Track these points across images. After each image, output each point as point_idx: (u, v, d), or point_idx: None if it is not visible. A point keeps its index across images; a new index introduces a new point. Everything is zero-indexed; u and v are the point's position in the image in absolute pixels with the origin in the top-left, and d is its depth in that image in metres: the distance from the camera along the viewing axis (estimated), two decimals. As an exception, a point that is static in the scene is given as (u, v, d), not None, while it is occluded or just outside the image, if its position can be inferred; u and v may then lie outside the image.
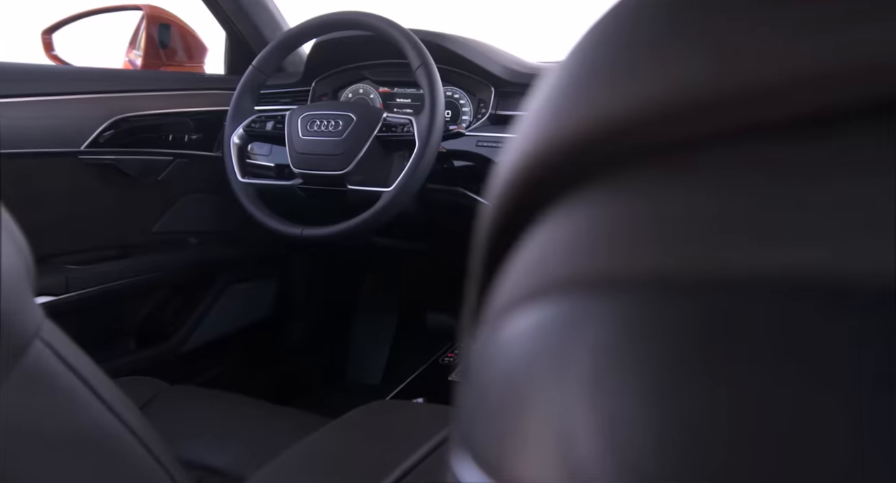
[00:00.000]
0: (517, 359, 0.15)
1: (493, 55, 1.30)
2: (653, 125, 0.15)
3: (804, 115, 0.14)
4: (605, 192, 0.16)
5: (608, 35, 0.19)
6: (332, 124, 1.16)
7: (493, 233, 0.21)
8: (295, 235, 1.16)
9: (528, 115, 0.20)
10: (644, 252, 0.14)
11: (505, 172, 0.20)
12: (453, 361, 0.96)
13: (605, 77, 0.18)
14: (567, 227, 0.16)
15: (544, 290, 0.16)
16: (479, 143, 1.26)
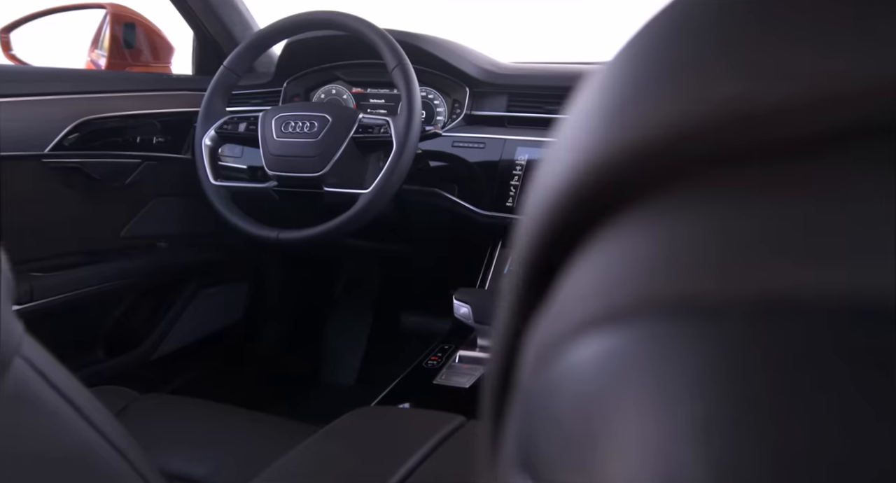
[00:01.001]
0: (594, 388, 0.14)
1: (468, 55, 1.30)
2: (727, 132, 0.15)
3: (864, 128, 0.13)
4: (675, 207, 0.16)
5: (678, 31, 0.18)
6: (308, 125, 1.15)
7: (539, 251, 0.20)
8: (270, 239, 1.14)
9: (580, 120, 0.20)
10: (736, 270, 0.13)
11: (553, 185, 0.19)
12: (436, 365, 0.95)
13: (678, 78, 0.17)
14: (637, 246, 0.15)
15: (616, 315, 0.15)
16: (455, 144, 1.25)
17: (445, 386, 0.89)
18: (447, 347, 1.00)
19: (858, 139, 0.14)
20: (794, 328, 0.12)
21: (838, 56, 0.14)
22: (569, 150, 0.19)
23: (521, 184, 1.19)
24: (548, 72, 1.28)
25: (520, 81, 1.27)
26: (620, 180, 0.17)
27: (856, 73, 0.13)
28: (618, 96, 0.18)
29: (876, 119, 0.13)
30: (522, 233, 0.21)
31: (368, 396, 1.71)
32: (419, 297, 1.85)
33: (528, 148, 1.20)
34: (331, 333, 1.89)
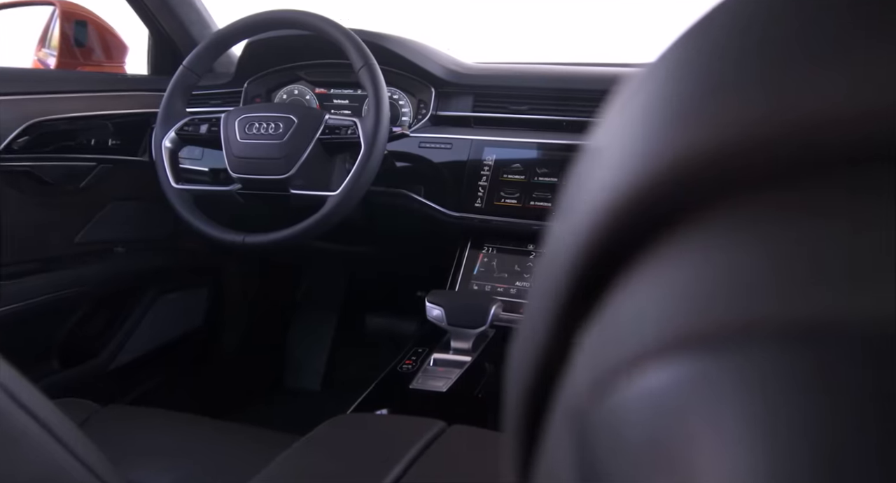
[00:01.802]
0: (673, 417, 0.14)
1: (432, 55, 1.29)
2: (778, 151, 0.14)
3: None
4: (731, 228, 0.15)
5: (723, 45, 0.17)
6: (272, 127, 1.12)
7: (581, 272, 0.19)
8: (236, 243, 1.12)
9: (622, 136, 0.19)
10: (808, 296, 0.13)
11: (592, 207, 0.18)
12: (411, 369, 0.94)
13: (723, 96, 0.16)
14: (695, 271, 0.15)
15: (680, 345, 0.14)
16: (422, 145, 1.24)
17: (422, 390, 0.88)
18: (421, 351, 0.99)
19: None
20: (858, 355, 0.11)
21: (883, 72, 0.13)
22: (613, 168, 0.18)
23: (488, 184, 1.19)
24: (513, 72, 1.28)
25: (485, 82, 1.27)
26: (673, 199, 0.16)
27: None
28: (663, 112, 0.17)
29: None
30: (559, 253, 0.20)
31: (334, 401, 1.68)
32: (385, 300, 1.83)
33: (496, 148, 1.20)
34: (294, 338, 1.86)
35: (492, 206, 1.18)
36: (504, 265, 1.18)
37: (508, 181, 1.18)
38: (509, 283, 1.15)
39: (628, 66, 1.27)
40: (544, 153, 1.17)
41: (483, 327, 0.96)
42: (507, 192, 1.18)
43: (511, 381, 0.24)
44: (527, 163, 1.18)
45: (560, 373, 0.21)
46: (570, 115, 1.19)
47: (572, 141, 1.16)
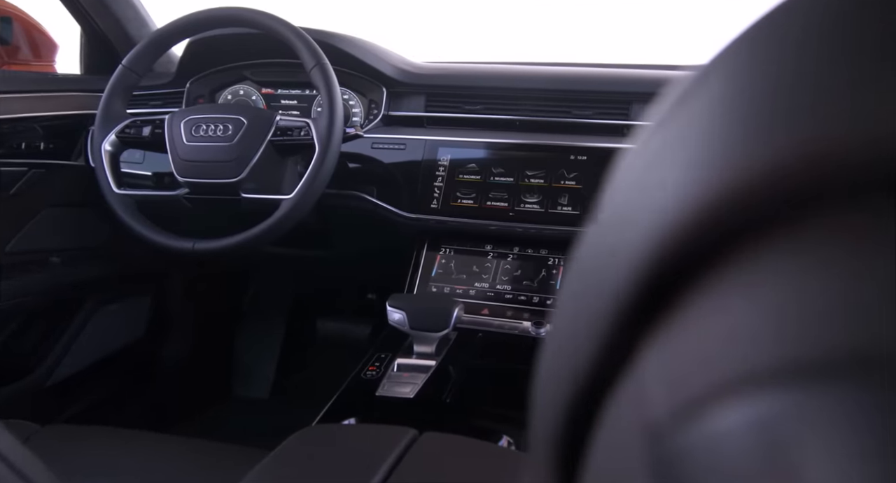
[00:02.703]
0: (767, 451, 0.13)
1: (383, 55, 1.27)
2: (859, 170, 0.14)
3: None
4: (836, 244, 0.14)
5: (785, 60, 0.17)
6: (221, 129, 1.08)
7: (640, 293, 0.18)
8: (185, 250, 1.07)
9: (675, 150, 0.18)
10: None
11: (648, 228, 0.17)
12: (375, 375, 0.92)
13: (795, 115, 0.16)
14: (795, 292, 0.14)
15: (786, 373, 0.14)
16: (375, 146, 1.22)
17: (389, 397, 0.86)
18: (384, 356, 0.97)
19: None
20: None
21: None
22: (690, 174, 0.17)
23: (444, 185, 1.18)
24: (466, 72, 1.27)
25: (438, 81, 1.26)
26: (767, 208, 0.15)
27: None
28: (729, 129, 0.17)
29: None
30: (615, 267, 0.19)
31: (286, 409, 1.65)
32: (336, 304, 1.80)
33: (450, 148, 1.19)
34: (242, 345, 1.80)
35: (448, 206, 1.17)
36: (462, 266, 1.17)
37: (464, 181, 1.17)
38: (468, 285, 1.15)
39: (580, 65, 1.28)
40: (499, 153, 1.17)
41: (446, 330, 0.95)
42: (463, 193, 1.17)
43: (546, 397, 0.23)
44: (482, 163, 1.17)
45: (611, 389, 0.20)
46: (524, 114, 1.20)
47: (527, 140, 1.17)
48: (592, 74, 1.21)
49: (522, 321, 1.08)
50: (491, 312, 1.10)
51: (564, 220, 1.12)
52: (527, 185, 1.14)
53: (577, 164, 1.13)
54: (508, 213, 1.14)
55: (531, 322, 1.07)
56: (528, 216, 1.13)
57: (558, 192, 1.13)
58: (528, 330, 1.07)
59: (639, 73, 1.20)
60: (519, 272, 1.14)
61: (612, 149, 1.12)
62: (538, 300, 1.10)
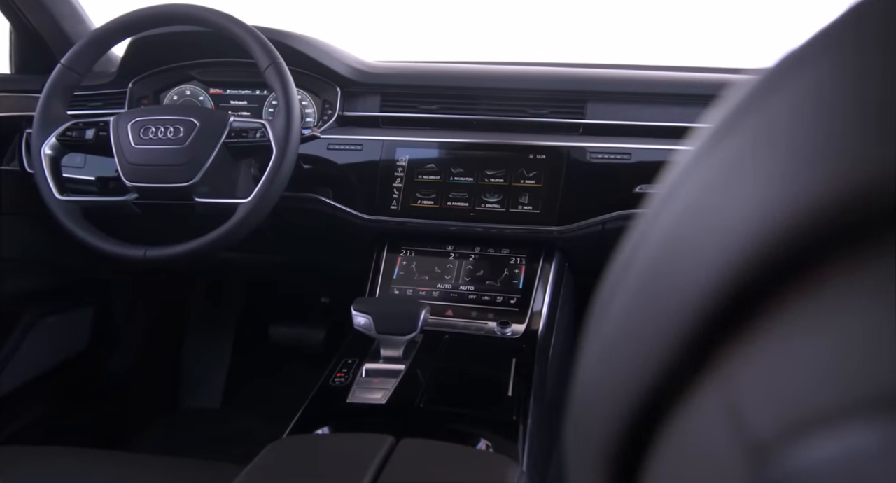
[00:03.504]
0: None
1: (337, 54, 1.25)
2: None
3: None
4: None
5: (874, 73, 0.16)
6: (172, 131, 1.04)
7: (712, 319, 0.18)
8: (137, 258, 1.02)
9: (772, 160, 0.17)
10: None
11: (720, 251, 0.17)
12: (344, 381, 0.90)
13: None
14: (872, 324, 0.14)
15: (875, 405, 0.13)
16: (331, 147, 1.20)
17: (361, 404, 0.84)
18: (351, 362, 0.95)
19: None
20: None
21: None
22: (775, 194, 0.17)
23: (403, 185, 1.17)
24: (421, 71, 1.26)
25: (393, 81, 1.24)
26: (840, 233, 0.15)
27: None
28: (821, 141, 0.16)
29: None
30: (688, 283, 0.18)
31: (239, 419, 1.61)
32: (289, 309, 1.76)
33: (408, 149, 1.18)
34: (190, 355, 1.74)
35: (408, 207, 1.16)
36: (424, 268, 1.16)
37: (424, 182, 1.16)
38: (431, 286, 1.13)
39: (535, 64, 1.28)
40: (458, 152, 1.16)
41: (414, 333, 0.93)
42: (422, 193, 1.16)
43: (595, 413, 0.23)
44: (441, 163, 1.16)
45: (677, 405, 0.19)
46: (480, 113, 1.19)
47: (485, 140, 1.16)
48: (547, 73, 1.22)
49: (488, 321, 1.08)
50: (455, 314, 1.10)
51: (525, 219, 1.12)
52: (487, 185, 1.14)
53: (537, 163, 1.13)
54: (469, 213, 1.14)
55: (496, 322, 1.07)
56: (489, 216, 1.13)
57: (518, 191, 1.13)
58: (493, 330, 1.07)
59: (593, 72, 1.21)
60: (481, 272, 1.14)
61: (569, 147, 1.12)
62: (502, 300, 1.10)
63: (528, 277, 1.12)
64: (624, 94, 1.16)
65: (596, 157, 1.12)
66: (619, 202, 1.11)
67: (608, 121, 1.15)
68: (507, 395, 0.87)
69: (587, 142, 1.13)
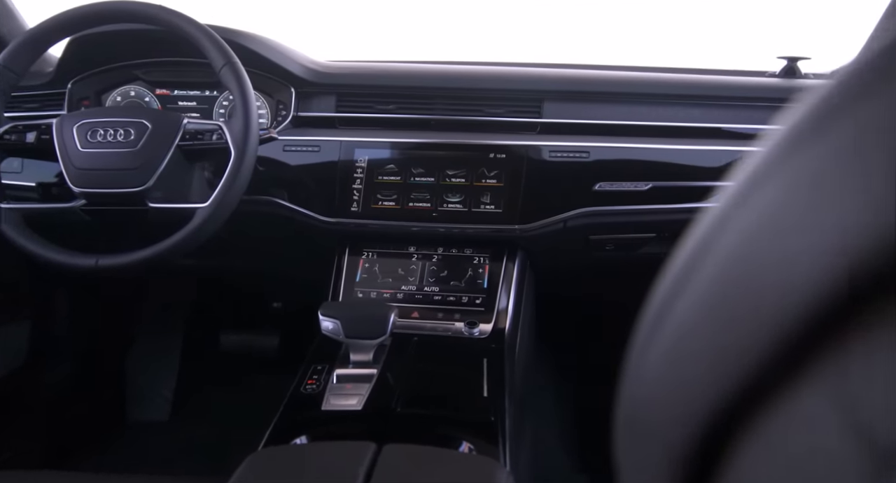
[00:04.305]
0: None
1: (290, 53, 1.22)
2: None
3: None
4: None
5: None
6: (122, 134, 0.99)
7: (814, 328, 0.18)
8: (88, 267, 0.98)
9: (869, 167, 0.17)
10: None
11: (827, 251, 0.17)
12: (316, 389, 0.88)
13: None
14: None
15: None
16: (287, 148, 1.17)
17: (336, 411, 0.82)
18: (320, 368, 0.93)
19: None
20: None
21: None
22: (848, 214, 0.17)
23: (363, 187, 1.15)
24: (377, 71, 1.25)
25: (348, 81, 1.22)
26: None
27: None
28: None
29: None
30: (780, 300, 0.18)
31: (191, 431, 1.55)
32: (239, 315, 1.71)
33: (367, 149, 1.16)
34: (136, 365, 1.67)
35: (369, 209, 1.14)
36: (387, 269, 1.14)
37: (384, 183, 1.15)
38: (395, 288, 1.12)
39: (490, 64, 1.28)
40: (418, 153, 1.16)
41: (384, 337, 0.92)
42: (383, 195, 1.15)
43: (668, 414, 0.22)
44: (401, 163, 1.15)
45: (772, 402, 0.19)
46: (437, 113, 1.19)
47: (445, 140, 1.16)
48: (504, 73, 1.22)
49: (455, 322, 1.08)
50: (421, 315, 1.09)
51: (488, 219, 1.12)
52: (448, 185, 1.14)
53: (497, 163, 1.13)
54: (432, 213, 1.13)
55: (464, 322, 1.07)
56: (451, 216, 1.13)
57: (480, 190, 1.13)
58: (461, 331, 1.06)
59: (549, 71, 1.22)
60: (445, 273, 1.13)
61: (529, 146, 1.13)
62: (467, 300, 1.10)
63: (493, 276, 1.12)
64: (580, 94, 1.18)
65: (555, 155, 1.13)
66: (579, 200, 1.12)
67: (565, 120, 1.17)
68: (482, 396, 0.87)
69: (546, 141, 1.14)
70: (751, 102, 1.18)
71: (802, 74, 1.29)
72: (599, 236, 1.16)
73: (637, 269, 1.30)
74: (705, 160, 1.14)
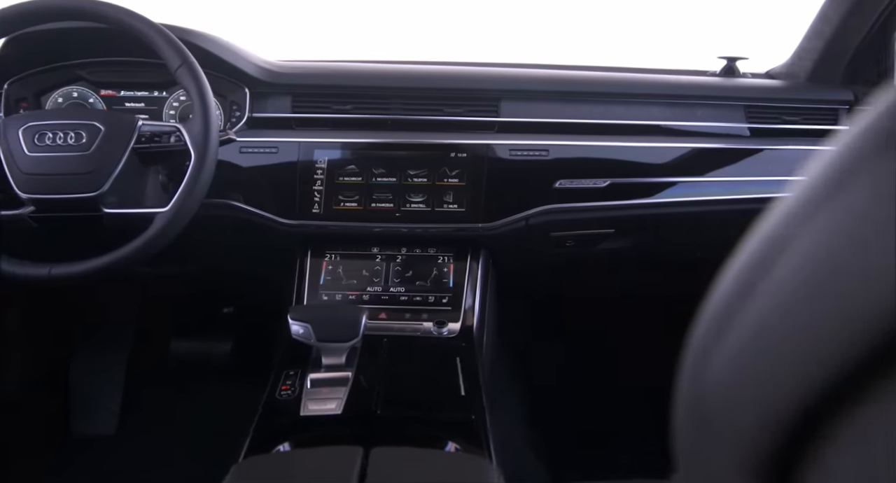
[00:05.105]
0: None
1: (242, 53, 1.19)
2: None
3: None
4: None
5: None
6: (73, 137, 0.95)
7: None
8: (41, 277, 0.93)
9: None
10: None
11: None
12: (292, 394, 0.87)
13: None
14: None
15: None
16: (244, 150, 1.14)
17: (316, 416, 0.81)
18: (293, 373, 0.91)
19: None
20: None
21: None
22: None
23: (324, 188, 1.14)
24: (333, 71, 1.23)
25: (304, 80, 1.20)
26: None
27: None
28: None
29: None
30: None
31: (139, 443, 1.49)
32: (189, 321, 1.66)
33: (326, 150, 1.15)
34: (79, 377, 1.60)
35: (331, 210, 1.13)
36: (351, 271, 1.14)
37: (345, 184, 1.14)
38: (361, 290, 1.12)
39: (448, 63, 1.29)
40: (379, 153, 1.15)
41: (356, 339, 0.91)
42: (345, 196, 1.14)
43: (760, 408, 0.22)
44: (362, 164, 1.14)
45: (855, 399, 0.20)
46: (396, 113, 1.18)
47: (405, 140, 1.16)
48: (461, 73, 1.23)
49: (423, 322, 1.08)
50: (389, 316, 1.09)
51: (451, 218, 1.13)
52: (411, 185, 1.14)
53: (459, 162, 1.14)
54: (395, 213, 1.13)
55: (433, 322, 1.07)
56: (414, 216, 1.13)
57: (443, 190, 1.13)
58: (430, 330, 1.07)
59: (506, 71, 1.24)
60: (410, 273, 1.13)
61: (489, 145, 1.14)
62: (434, 299, 1.10)
63: (458, 275, 1.13)
64: (536, 93, 1.20)
65: (515, 154, 1.14)
66: (540, 198, 1.14)
67: (522, 119, 1.18)
68: (459, 396, 0.87)
69: (505, 140, 1.15)
70: (697, 100, 1.23)
71: (741, 74, 1.35)
72: (560, 233, 1.18)
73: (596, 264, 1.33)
74: (657, 157, 1.18)
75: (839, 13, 1.23)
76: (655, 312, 1.51)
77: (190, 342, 1.59)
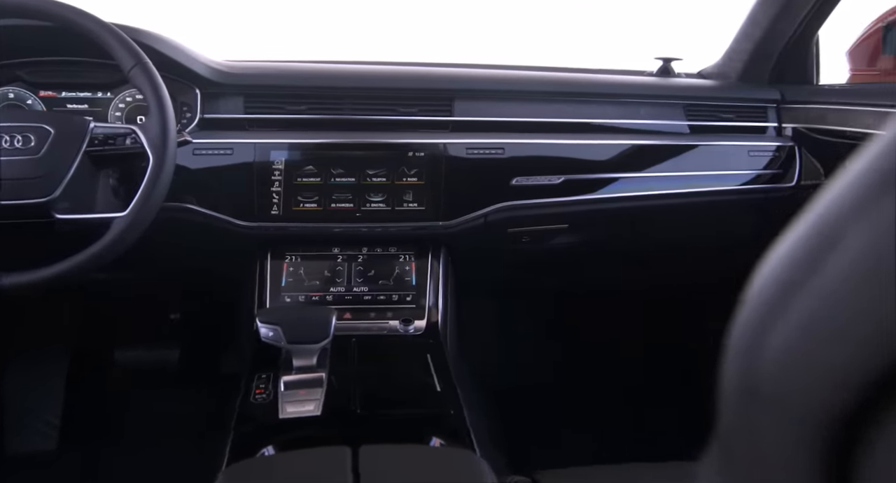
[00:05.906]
0: None
1: (192, 53, 1.16)
2: None
3: None
4: None
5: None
6: (20, 140, 0.91)
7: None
8: (-9, 288, 0.88)
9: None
10: None
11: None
12: (267, 398, 0.86)
13: None
14: None
15: None
16: (197, 152, 1.12)
17: (295, 418, 0.80)
18: (265, 376, 0.90)
19: None
20: None
21: None
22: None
23: (283, 189, 1.12)
24: (286, 71, 1.22)
25: (256, 81, 1.19)
26: None
27: None
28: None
29: None
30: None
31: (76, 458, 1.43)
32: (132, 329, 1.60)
33: (283, 151, 1.14)
34: (13, 391, 1.52)
35: (290, 211, 1.12)
36: (313, 272, 1.13)
37: (304, 185, 1.13)
38: (324, 291, 1.11)
39: (401, 64, 1.30)
40: (336, 153, 1.15)
41: (327, 340, 0.91)
42: (304, 197, 1.13)
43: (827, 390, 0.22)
44: (320, 164, 1.14)
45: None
46: (350, 113, 1.18)
47: (362, 140, 1.16)
48: (414, 73, 1.24)
49: (389, 321, 1.08)
50: (354, 316, 1.09)
51: (411, 217, 1.14)
52: (370, 185, 1.14)
53: (416, 161, 1.15)
54: (355, 213, 1.13)
55: (399, 320, 1.08)
56: (375, 215, 1.13)
57: (402, 189, 1.14)
58: (396, 328, 1.07)
59: (459, 71, 1.25)
60: (373, 272, 1.14)
61: (446, 144, 1.16)
62: (398, 298, 1.11)
63: (420, 273, 1.14)
64: (489, 92, 1.22)
65: (472, 152, 1.16)
66: (498, 195, 1.17)
67: (475, 118, 1.20)
68: (435, 392, 0.89)
69: (461, 138, 1.17)
70: (641, 99, 1.28)
71: (676, 74, 1.41)
72: (517, 229, 1.21)
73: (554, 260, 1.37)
74: (606, 153, 1.22)
75: (768, 16, 1.30)
76: (620, 307, 1.57)
77: (136, 351, 1.54)
